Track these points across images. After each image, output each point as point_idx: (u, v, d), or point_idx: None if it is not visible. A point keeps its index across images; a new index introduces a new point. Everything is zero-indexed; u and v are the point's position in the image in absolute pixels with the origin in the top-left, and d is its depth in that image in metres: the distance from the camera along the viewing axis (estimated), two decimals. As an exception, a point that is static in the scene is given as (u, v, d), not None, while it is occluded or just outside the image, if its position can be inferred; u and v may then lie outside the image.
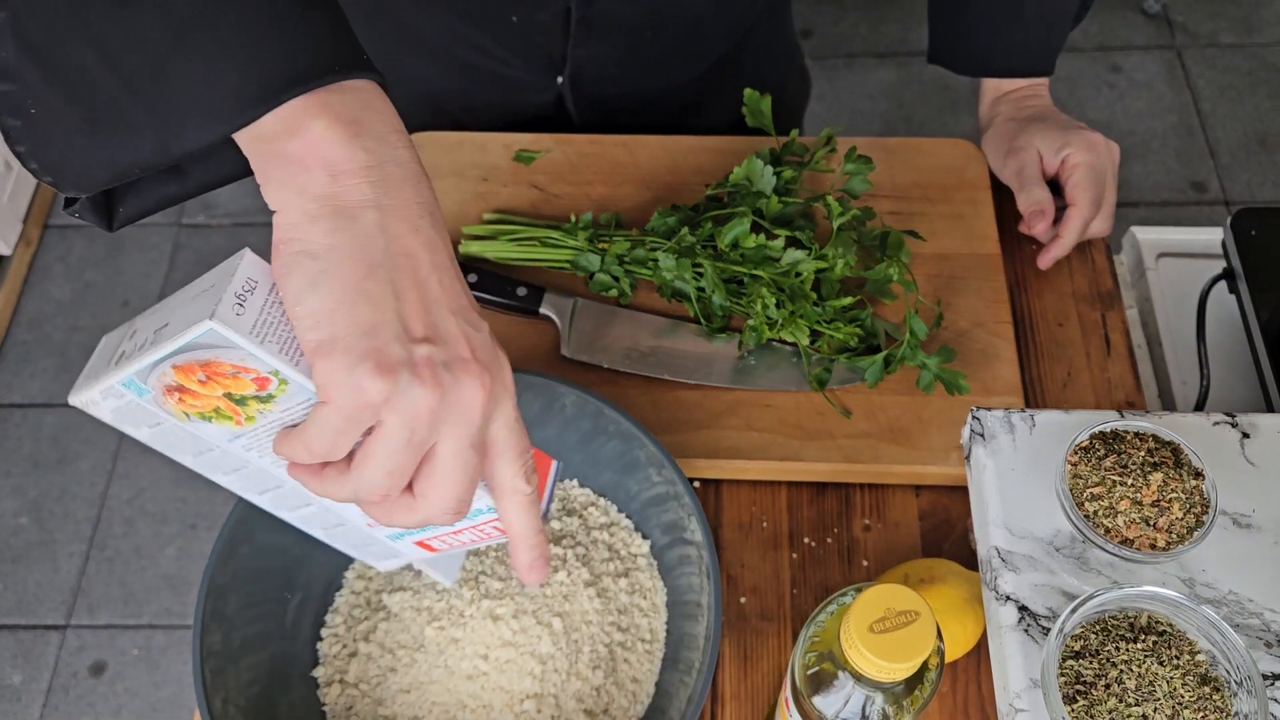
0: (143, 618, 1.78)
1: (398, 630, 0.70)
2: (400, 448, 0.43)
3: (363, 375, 0.41)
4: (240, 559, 0.68)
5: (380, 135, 0.43)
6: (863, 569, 0.78)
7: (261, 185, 0.43)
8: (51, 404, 1.98)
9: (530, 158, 0.95)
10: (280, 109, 0.42)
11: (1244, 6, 2.40)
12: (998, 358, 0.83)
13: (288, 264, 0.42)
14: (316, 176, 0.42)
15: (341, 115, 0.42)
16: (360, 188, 0.43)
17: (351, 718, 0.69)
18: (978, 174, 0.93)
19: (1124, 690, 0.54)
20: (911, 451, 0.79)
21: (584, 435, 0.74)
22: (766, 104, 0.90)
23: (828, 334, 0.82)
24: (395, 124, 0.45)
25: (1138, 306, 1.07)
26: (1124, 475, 0.60)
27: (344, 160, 0.42)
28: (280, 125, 0.42)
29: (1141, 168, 2.19)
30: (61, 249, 2.16)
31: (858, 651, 0.50)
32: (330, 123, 0.42)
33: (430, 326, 0.44)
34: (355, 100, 0.43)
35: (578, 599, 0.70)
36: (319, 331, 0.42)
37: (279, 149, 0.42)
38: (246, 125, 0.42)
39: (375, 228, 0.43)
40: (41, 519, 1.87)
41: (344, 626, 0.73)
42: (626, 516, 0.76)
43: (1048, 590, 0.61)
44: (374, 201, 0.43)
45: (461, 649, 0.68)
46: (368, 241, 0.43)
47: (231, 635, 0.66)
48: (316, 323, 0.42)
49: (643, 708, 0.70)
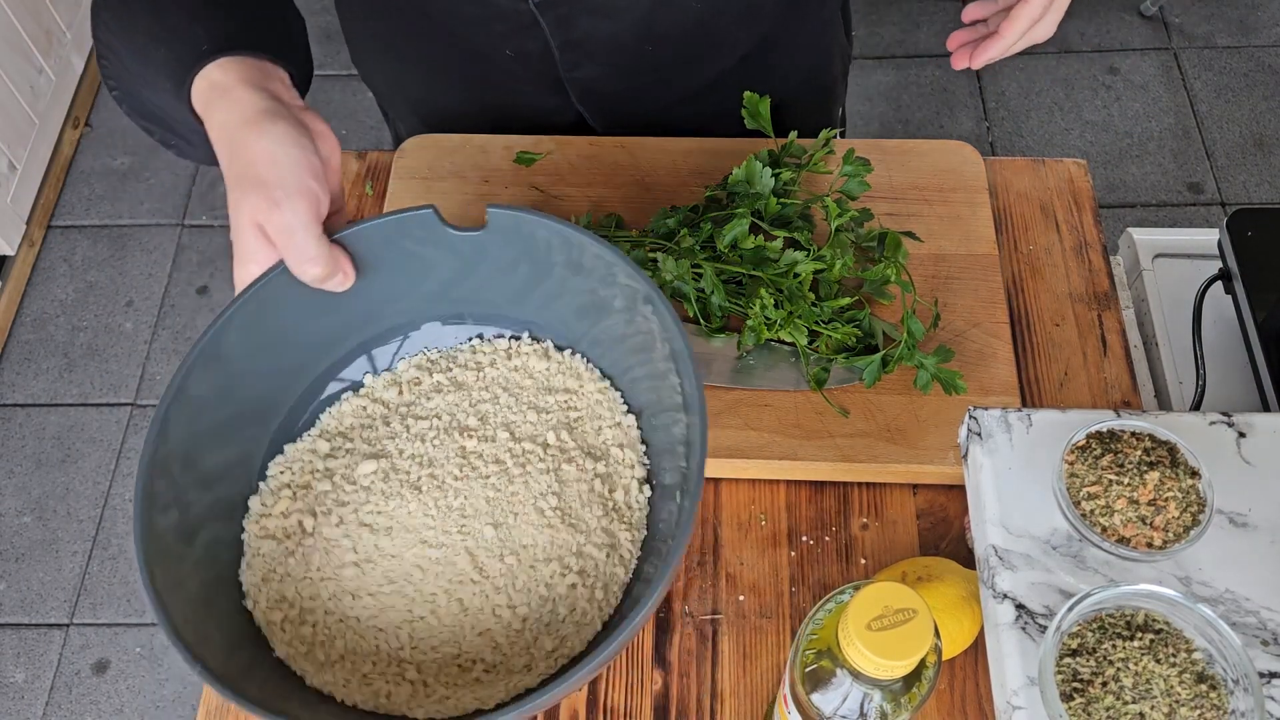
0: (145, 616, 1.78)
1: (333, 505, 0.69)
2: None
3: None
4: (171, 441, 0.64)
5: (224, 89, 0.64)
6: (861, 567, 0.79)
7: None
8: (55, 403, 1.99)
9: (531, 159, 0.95)
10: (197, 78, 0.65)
11: (1240, 8, 2.41)
12: (995, 358, 0.84)
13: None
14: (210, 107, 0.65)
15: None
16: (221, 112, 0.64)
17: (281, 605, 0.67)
18: (975, 176, 0.94)
19: (1121, 688, 0.54)
20: (909, 451, 0.80)
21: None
22: (765, 106, 0.90)
23: (826, 334, 0.83)
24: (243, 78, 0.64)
25: (1134, 307, 1.07)
26: (1121, 474, 0.60)
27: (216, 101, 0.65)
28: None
29: (1138, 169, 2.19)
30: (65, 249, 2.16)
31: (856, 649, 0.50)
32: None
33: None
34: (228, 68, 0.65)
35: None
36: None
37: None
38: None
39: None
40: (45, 518, 1.88)
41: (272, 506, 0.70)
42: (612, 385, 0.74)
43: (1045, 588, 0.61)
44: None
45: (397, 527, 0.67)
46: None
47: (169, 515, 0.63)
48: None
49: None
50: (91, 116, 2.34)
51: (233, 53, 0.65)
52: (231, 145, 0.62)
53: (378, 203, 0.97)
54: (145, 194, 2.23)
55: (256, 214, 0.61)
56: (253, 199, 0.61)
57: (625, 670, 0.76)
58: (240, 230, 0.62)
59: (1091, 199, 0.95)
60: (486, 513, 0.68)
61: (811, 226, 0.88)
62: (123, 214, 2.21)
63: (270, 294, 0.65)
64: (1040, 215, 0.95)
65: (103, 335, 2.06)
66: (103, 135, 2.31)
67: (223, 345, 0.65)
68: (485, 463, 0.70)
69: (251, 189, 0.61)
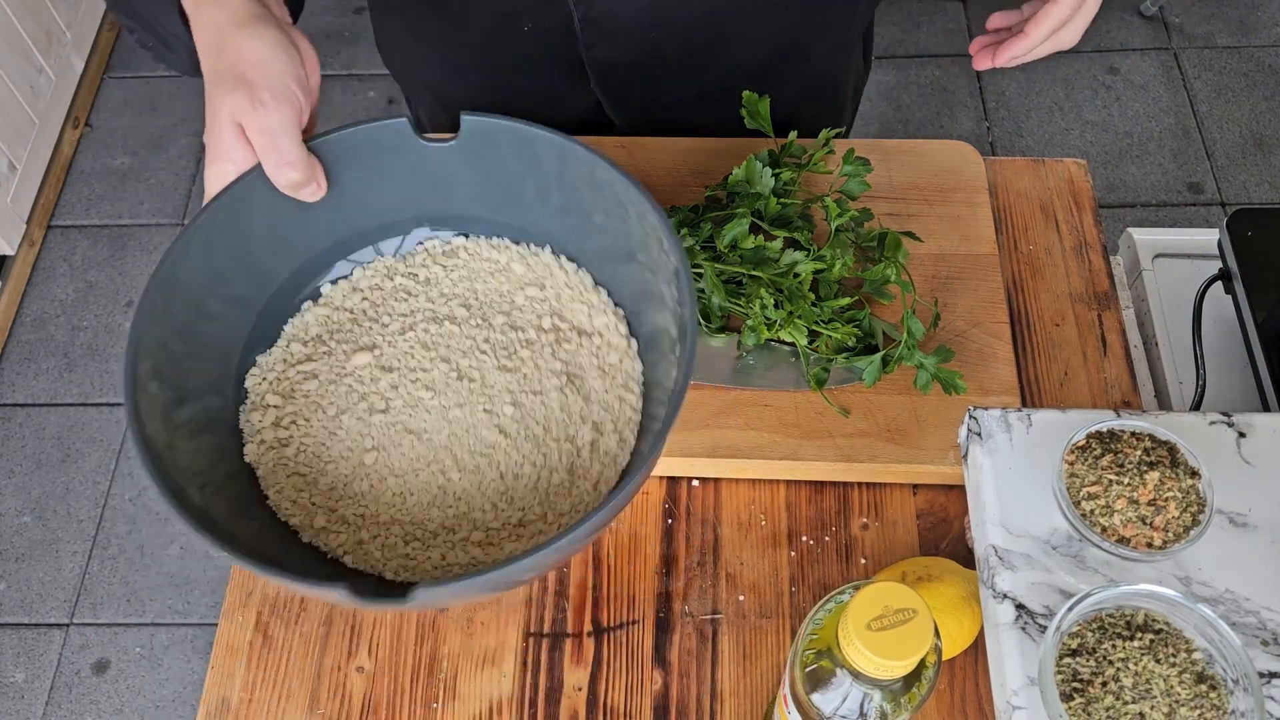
0: (145, 616, 1.79)
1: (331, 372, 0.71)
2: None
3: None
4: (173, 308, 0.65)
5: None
6: (861, 567, 0.79)
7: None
8: (55, 403, 1.99)
9: (531, 159, 0.95)
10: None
11: (1240, 8, 2.41)
12: (995, 358, 0.84)
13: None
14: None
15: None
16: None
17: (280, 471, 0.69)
18: (975, 175, 0.94)
19: (1121, 688, 0.54)
20: (909, 451, 0.80)
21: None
22: (765, 105, 0.90)
23: (826, 334, 0.83)
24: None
25: (1134, 307, 1.07)
26: (1120, 474, 0.60)
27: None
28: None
29: (1138, 169, 2.19)
30: (65, 249, 2.16)
31: (856, 649, 0.50)
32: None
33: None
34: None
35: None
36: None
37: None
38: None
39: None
40: (45, 518, 1.88)
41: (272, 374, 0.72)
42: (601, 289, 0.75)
43: (1045, 588, 0.61)
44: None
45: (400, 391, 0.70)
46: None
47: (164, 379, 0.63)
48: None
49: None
50: (91, 116, 2.34)
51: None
52: (219, 42, 0.62)
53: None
54: (145, 194, 2.23)
55: (238, 113, 0.61)
56: (236, 97, 0.61)
57: (625, 670, 0.76)
58: (218, 128, 0.62)
59: (1091, 199, 0.95)
60: (500, 384, 0.70)
61: (811, 226, 0.88)
62: (123, 214, 2.21)
63: (245, 196, 0.65)
64: (1040, 215, 0.95)
65: (103, 335, 2.06)
66: (103, 135, 2.31)
67: (191, 252, 0.65)
68: (484, 343, 0.72)
69: (236, 87, 0.61)
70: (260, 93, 0.61)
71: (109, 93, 2.38)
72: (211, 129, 0.63)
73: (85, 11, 2.36)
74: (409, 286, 0.75)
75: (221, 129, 0.62)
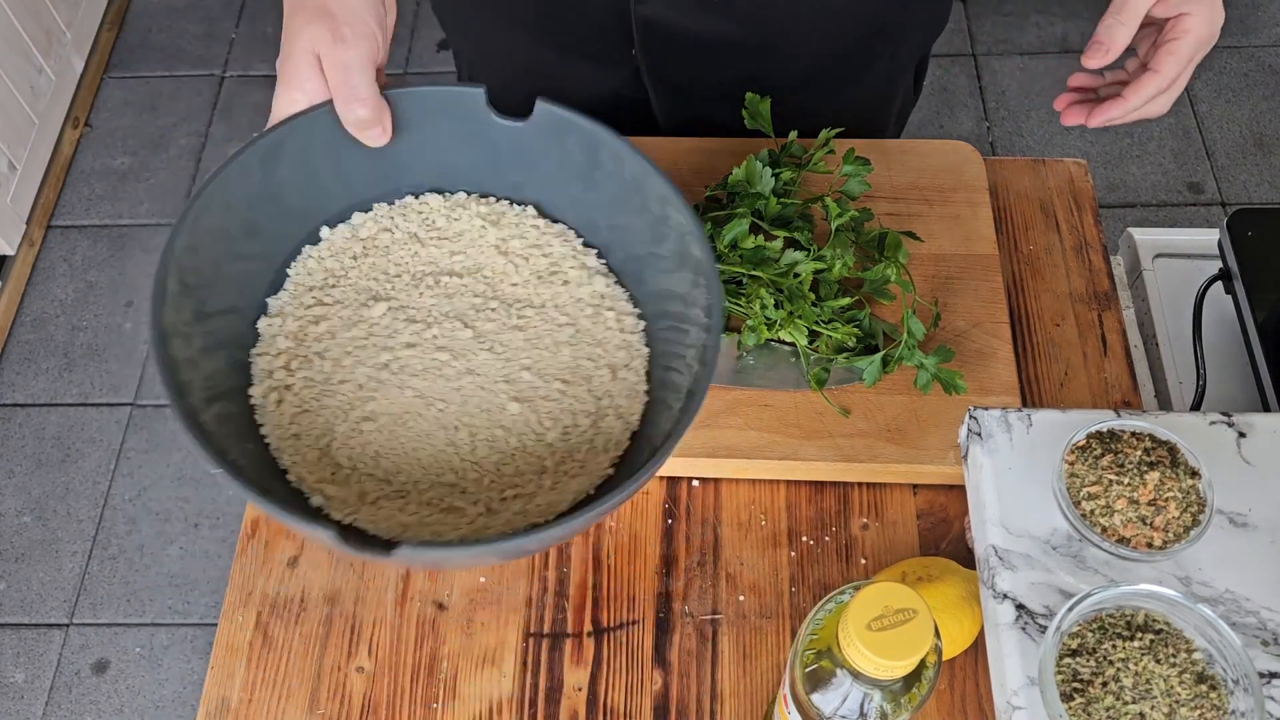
0: (145, 616, 1.79)
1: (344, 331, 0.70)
2: None
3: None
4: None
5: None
6: (861, 567, 0.79)
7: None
8: (55, 403, 1.99)
9: (531, 159, 0.95)
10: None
11: (1240, 8, 2.41)
12: (995, 357, 0.84)
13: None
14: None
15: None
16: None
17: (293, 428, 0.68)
18: (975, 175, 0.94)
19: (1121, 688, 0.54)
20: (909, 451, 0.80)
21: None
22: (765, 106, 0.90)
23: (826, 334, 0.83)
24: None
25: (1134, 307, 1.07)
26: (1121, 474, 0.60)
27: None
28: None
29: (1138, 169, 2.19)
30: (65, 249, 2.16)
31: (856, 649, 0.50)
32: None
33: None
34: None
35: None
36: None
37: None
38: None
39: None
40: (44, 518, 1.88)
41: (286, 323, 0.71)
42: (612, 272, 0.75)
43: (1045, 588, 0.61)
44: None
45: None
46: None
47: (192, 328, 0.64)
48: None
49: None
50: (91, 116, 2.34)
51: None
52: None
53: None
54: (145, 194, 2.23)
55: (317, 44, 0.62)
56: (317, 29, 0.61)
57: (625, 670, 0.76)
58: (295, 56, 0.62)
59: (1092, 199, 0.95)
60: (514, 345, 0.69)
61: (812, 226, 0.88)
62: (123, 214, 2.21)
63: (310, 128, 0.65)
64: (1040, 215, 0.95)
65: (103, 335, 2.06)
66: (103, 135, 2.31)
67: (249, 169, 0.65)
68: (493, 299, 0.71)
69: (317, 19, 0.61)
70: (342, 27, 0.61)
71: (109, 93, 2.38)
72: (288, 56, 0.63)
73: (85, 11, 2.36)
74: (420, 235, 0.73)
75: (298, 57, 0.62)
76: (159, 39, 2.44)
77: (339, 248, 0.72)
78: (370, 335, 0.70)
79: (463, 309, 0.71)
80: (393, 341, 0.69)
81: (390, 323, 0.70)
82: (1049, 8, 2.43)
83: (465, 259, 0.73)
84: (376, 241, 0.73)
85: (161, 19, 2.47)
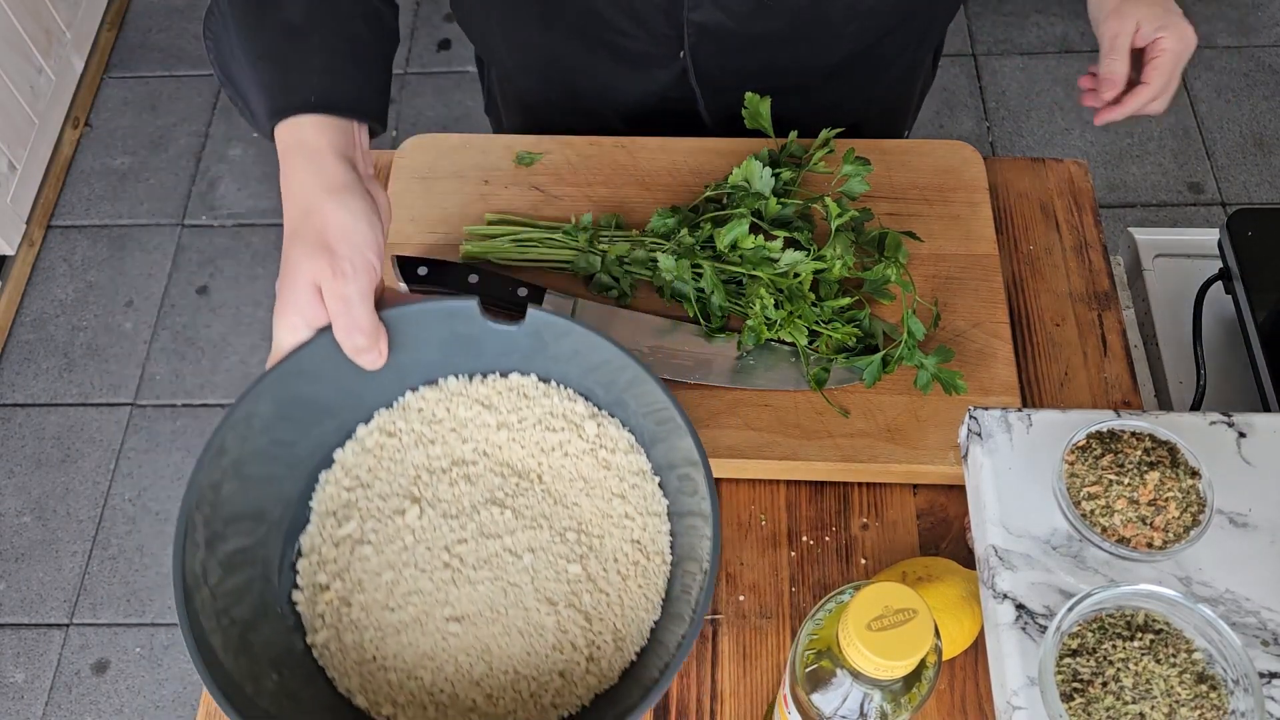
0: (145, 616, 1.79)
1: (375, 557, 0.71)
2: None
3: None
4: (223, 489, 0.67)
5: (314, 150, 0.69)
6: (861, 567, 0.79)
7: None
8: (55, 403, 1.99)
9: (531, 159, 0.95)
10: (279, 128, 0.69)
11: (1240, 8, 2.41)
12: (995, 357, 0.84)
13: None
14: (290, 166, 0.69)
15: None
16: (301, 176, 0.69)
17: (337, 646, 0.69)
18: (975, 175, 0.94)
19: (1121, 688, 0.54)
20: (909, 451, 0.80)
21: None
22: (765, 106, 0.90)
23: (826, 334, 0.83)
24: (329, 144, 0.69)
25: (1134, 307, 1.07)
26: (1121, 474, 0.60)
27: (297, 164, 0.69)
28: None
29: (1139, 169, 2.19)
30: (65, 249, 2.16)
31: (856, 649, 0.50)
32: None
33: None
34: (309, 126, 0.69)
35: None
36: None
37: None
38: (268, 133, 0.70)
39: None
40: (44, 518, 1.88)
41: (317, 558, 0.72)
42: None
43: (1045, 588, 0.61)
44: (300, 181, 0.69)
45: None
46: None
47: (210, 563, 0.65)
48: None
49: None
50: (91, 116, 2.34)
51: (333, 113, 0.69)
52: (307, 204, 0.66)
53: (378, 203, 0.98)
54: (145, 194, 2.23)
55: (319, 276, 0.65)
56: (319, 262, 0.64)
57: (625, 670, 0.76)
58: (295, 283, 0.65)
59: (1092, 199, 0.95)
60: (559, 515, 0.71)
61: (812, 226, 0.88)
62: (123, 214, 2.21)
63: (312, 357, 0.67)
64: (1040, 215, 0.95)
65: (103, 335, 2.06)
66: (103, 135, 2.31)
67: (260, 404, 0.68)
68: (514, 475, 0.72)
69: (319, 253, 0.65)
70: (343, 262, 0.64)
71: (109, 93, 2.38)
72: (289, 284, 0.65)
73: (85, 11, 2.36)
74: (425, 433, 0.74)
75: (299, 286, 0.65)
76: (159, 39, 2.44)
77: (351, 465, 0.73)
78: (417, 542, 0.70)
79: (492, 489, 0.72)
80: (442, 541, 0.70)
81: (430, 523, 0.71)
82: (1049, 8, 2.42)
83: (475, 445, 0.73)
84: (385, 449, 0.73)
85: (161, 19, 2.47)
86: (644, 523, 0.71)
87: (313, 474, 0.72)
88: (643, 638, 0.69)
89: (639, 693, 0.63)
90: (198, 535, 0.63)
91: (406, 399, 0.74)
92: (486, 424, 0.73)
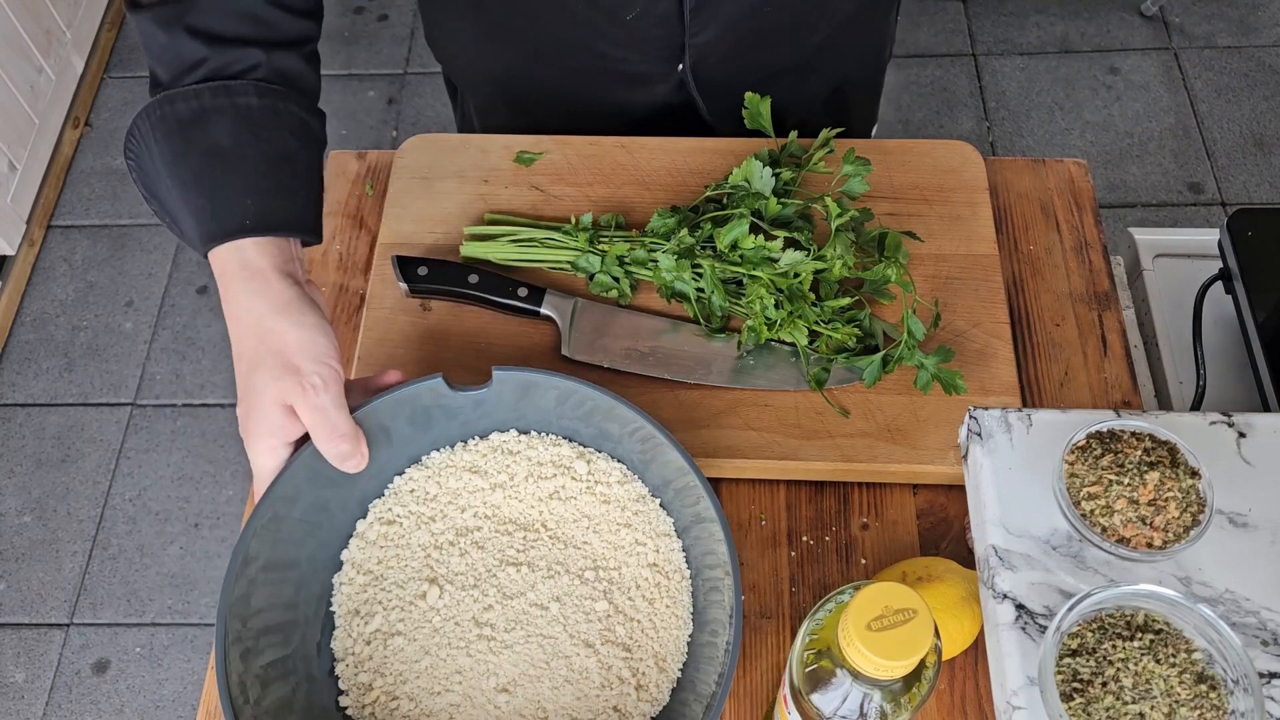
0: (145, 616, 1.79)
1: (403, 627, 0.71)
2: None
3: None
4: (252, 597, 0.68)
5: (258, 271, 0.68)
6: (861, 567, 0.79)
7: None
8: (55, 403, 1.99)
9: (531, 159, 0.95)
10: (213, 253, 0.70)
11: (1241, 8, 2.41)
12: (995, 358, 0.84)
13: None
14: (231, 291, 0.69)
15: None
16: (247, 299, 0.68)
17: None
18: (975, 175, 0.94)
19: (1121, 688, 0.54)
20: (909, 451, 0.80)
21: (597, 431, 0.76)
22: (766, 106, 0.90)
23: (826, 334, 0.83)
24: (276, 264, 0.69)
25: (1135, 307, 1.07)
26: (1121, 474, 0.60)
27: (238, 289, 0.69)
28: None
29: (1139, 169, 2.19)
30: (65, 249, 2.16)
31: (856, 649, 0.50)
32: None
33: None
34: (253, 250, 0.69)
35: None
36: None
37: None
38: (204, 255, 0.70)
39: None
40: (45, 517, 1.88)
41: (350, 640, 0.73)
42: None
43: (1045, 589, 0.61)
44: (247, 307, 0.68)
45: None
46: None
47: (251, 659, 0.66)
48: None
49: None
50: (91, 116, 2.34)
51: (271, 233, 0.69)
52: (260, 331, 0.67)
53: (378, 202, 0.97)
54: (145, 194, 2.23)
55: (287, 395, 0.65)
56: (286, 382, 0.65)
57: (625, 670, 0.76)
58: (263, 407, 0.66)
59: (1092, 199, 0.95)
60: (573, 558, 0.72)
61: (812, 226, 0.88)
62: (123, 214, 2.21)
63: (300, 471, 0.68)
64: (1041, 215, 0.95)
65: (103, 335, 2.06)
66: (103, 135, 2.31)
67: (265, 531, 0.68)
68: (520, 530, 0.73)
69: (285, 373, 0.65)
70: (310, 377, 0.65)
71: (109, 93, 2.38)
72: (257, 407, 0.66)
73: (85, 11, 2.36)
74: (423, 513, 0.75)
75: (268, 409, 0.66)
76: (159, 39, 2.44)
77: (360, 561, 0.73)
78: (445, 621, 0.70)
79: (503, 550, 0.72)
80: (469, 613, 0.70)
81: (452, 599, 0.71)
82: (1049, 8, 2.43)
83: (475, 511, 0.74)
84: (389, 538, 0.73)
85: (161, 19, 2.47)
86: (655, 544, 0.72)
87: (327, 580, 0.73)
88: (682, 654, 0.70)
89: (699, 706, 0.65)
90: (234, 651, 0.64)
91: (396, 484, 0.75)
92: (480, 488, 0.74)
